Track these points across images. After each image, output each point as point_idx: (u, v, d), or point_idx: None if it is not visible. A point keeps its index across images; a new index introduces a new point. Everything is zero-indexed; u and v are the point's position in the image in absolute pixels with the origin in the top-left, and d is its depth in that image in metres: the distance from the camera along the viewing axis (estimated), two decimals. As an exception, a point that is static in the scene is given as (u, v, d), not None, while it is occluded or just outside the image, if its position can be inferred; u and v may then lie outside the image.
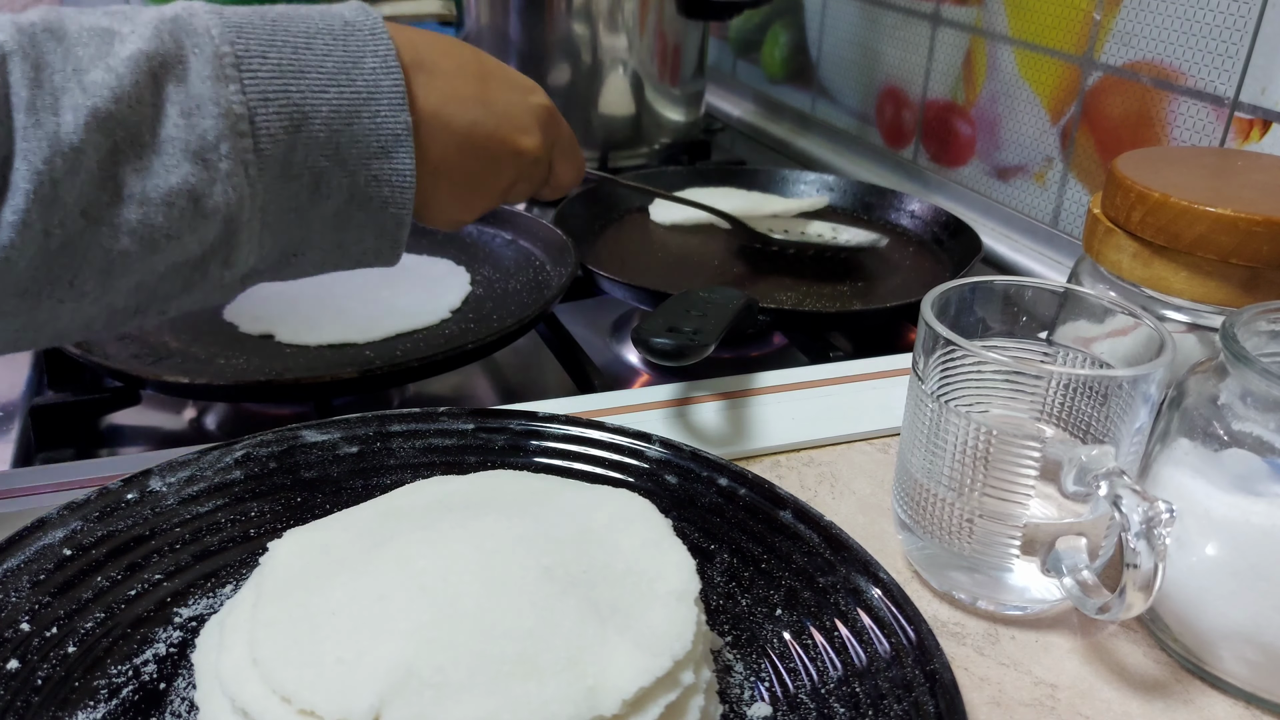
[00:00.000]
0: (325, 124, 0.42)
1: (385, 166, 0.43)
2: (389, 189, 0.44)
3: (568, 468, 0.45)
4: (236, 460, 0.44)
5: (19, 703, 0.33)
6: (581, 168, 0.57)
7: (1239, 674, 0.38)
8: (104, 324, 0.41)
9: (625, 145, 0.97)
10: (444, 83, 0.46)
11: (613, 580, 0.33)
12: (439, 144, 0.46)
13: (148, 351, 0.60)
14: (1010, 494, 0.38)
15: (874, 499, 0.49)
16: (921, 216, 0.84)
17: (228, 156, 0.39)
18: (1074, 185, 0.79)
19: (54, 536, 0.38)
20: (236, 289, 0.44)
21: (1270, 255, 0.43)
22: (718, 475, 0.44)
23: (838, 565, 0.39)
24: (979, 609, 0.42)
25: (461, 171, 0.48)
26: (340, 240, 0.45)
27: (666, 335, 0.48)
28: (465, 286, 0.70)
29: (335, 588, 0.32)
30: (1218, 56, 0.65)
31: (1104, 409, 0.39)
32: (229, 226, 0.40)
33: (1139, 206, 0.45)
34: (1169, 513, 0.34)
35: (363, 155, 0.43)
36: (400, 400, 0.64)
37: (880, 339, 0.71)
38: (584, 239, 0.79)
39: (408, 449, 0.46)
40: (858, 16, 1.02)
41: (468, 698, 0.28)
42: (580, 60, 0.93)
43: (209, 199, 0.39)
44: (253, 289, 0.67)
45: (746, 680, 0.36)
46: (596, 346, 0.71)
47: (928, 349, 0.40)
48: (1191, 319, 0.46)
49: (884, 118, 1.01)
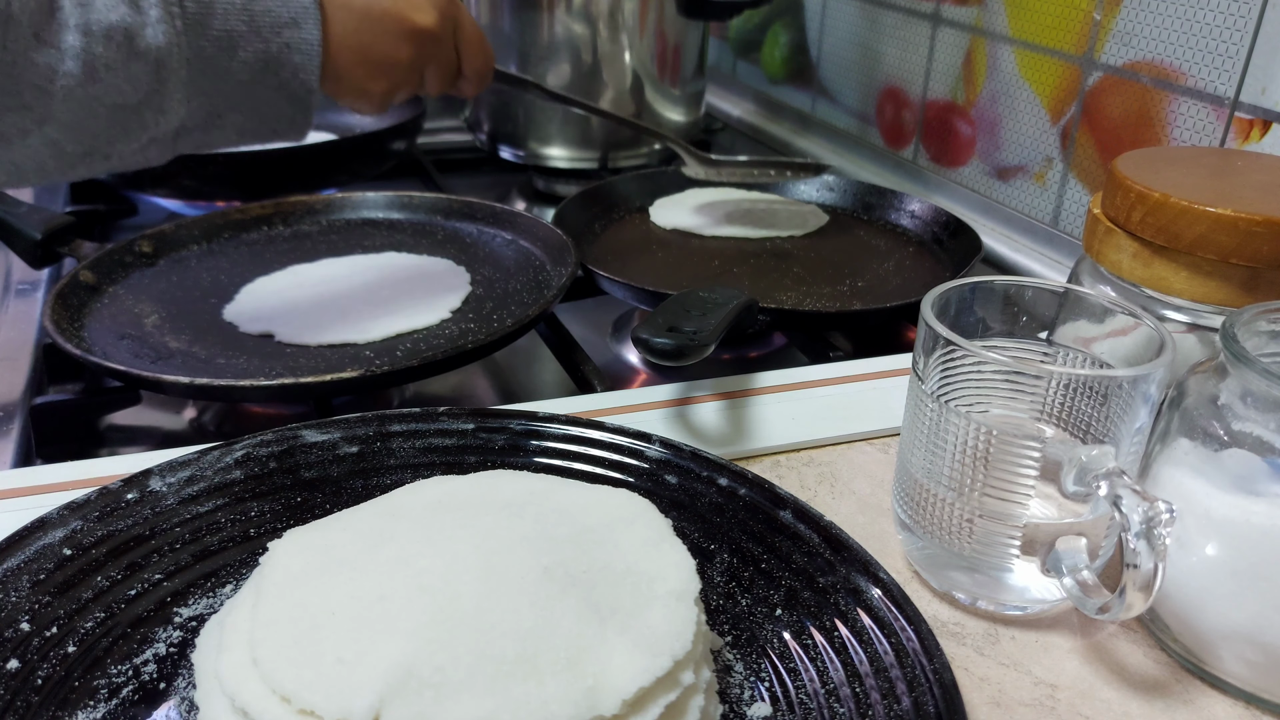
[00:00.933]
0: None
1: (295, 35, 0.51)
2: (299, 55, 0.52)
3: (568, 468, 0.45)
4: (236, 460, 0.44)
5: (19, 703, 0.33)
6: (489, 56, 0.63)
7: (1239, 674, 0.38)
8: (55, 166, 0.48)
9: (625, 145, 0.97)
10: None
11: (612, 580, 0.33)
12: (340, 21, 0.54)
13: (148, 351, 0.60)
14: (1010, 494, 0.38)
15: (874, 499, 0.49)
16: (921, 216, 0.84)
17: (157, 5, 0.47)
18: (1074, 185, 0.79)
19: (54, 536, 0.38)
20: (170, 145, 0.52)
21: (1270, 255, 0.43)
22: (718, 475, 0.44)
23: (838, 565, 0.39)
24: (979, 609, 0.42)
25: (363, 44, 0.55)
26: (257, 105, 0.52)
27: (666, 335, 0.48)
28: (465, 286, 0.70)
29: (335, 588, 0.32)
30: (1218, 56, 0.65)
31: (1104, 409, 0.39)
32: (159, 72, 0.47)
33: (1139, 206, 0.45)
34: (1169, 513, 0.34)
35: (275, 24, 0.50)
36: (400, 400, 0.65)
37: (880, 339, 0.71)
38: (584, 239, 0.79)
39: (408, 449, 0.46)
40: (858, 16, 1.02)
41: (467, 698, 0.28)
42: (580, 60, 0.93)
43: (141, 39, 0.46)
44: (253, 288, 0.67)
45: (746, 680, 0.36)
46: (596, 346, 0.71)
47: (928, 349, 0.40)
48: (1191, 319, 0.46)
49: (884, 118, 1.01)
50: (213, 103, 0.51)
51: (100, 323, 0.63)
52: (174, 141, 0.51)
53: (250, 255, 0.75)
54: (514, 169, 1.02)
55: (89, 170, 0.50)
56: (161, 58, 0.47)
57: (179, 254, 0.73)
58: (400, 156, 0.98)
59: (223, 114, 0.52)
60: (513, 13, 0.92)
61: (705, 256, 0.78)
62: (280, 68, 0.52)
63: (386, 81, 0.57)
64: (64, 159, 0.48)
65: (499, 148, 0.99)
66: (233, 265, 0.73)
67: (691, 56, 0.99)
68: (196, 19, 0.48)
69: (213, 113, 0.51)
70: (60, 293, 0.62)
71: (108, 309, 0.65)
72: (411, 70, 0.58)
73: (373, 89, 0.57)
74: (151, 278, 0.70)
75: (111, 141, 0.48)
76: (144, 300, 0.66)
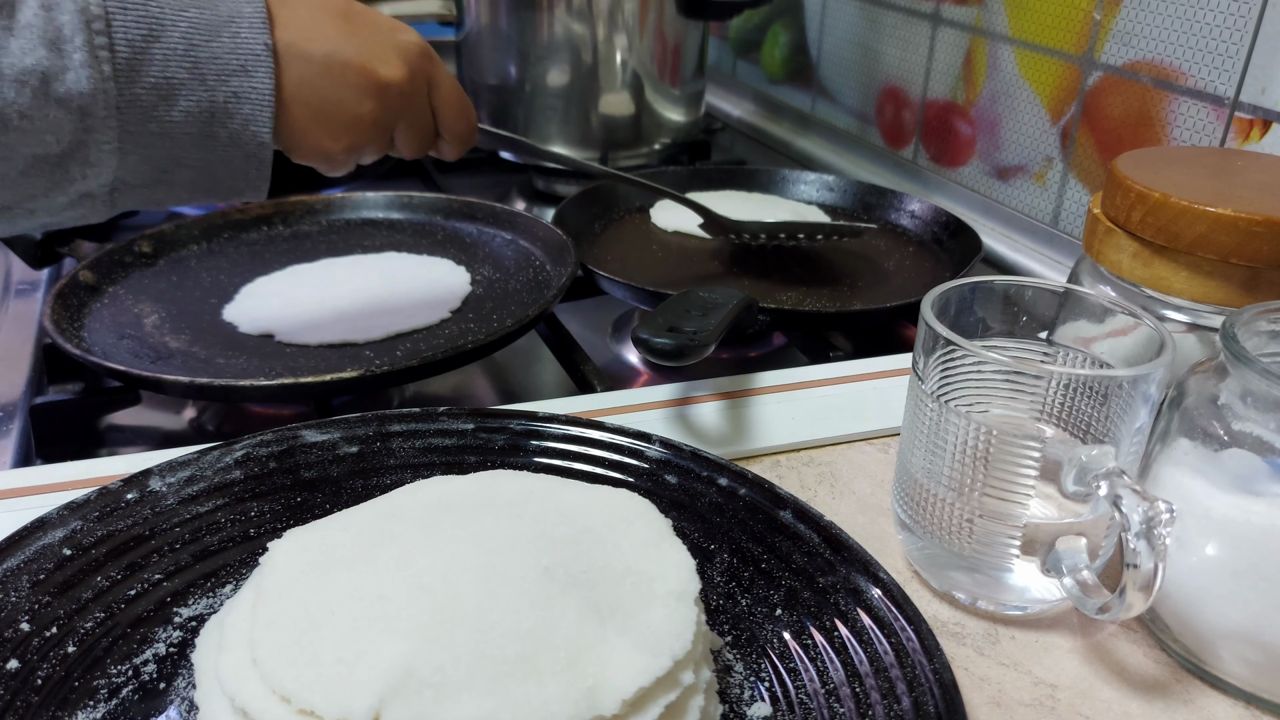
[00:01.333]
0: (184, 38, 0.45)
1: (245, 84, 0.46)
2: (250, 106, 0.47)
3: (568, 468, 0.45)
4: (236, 460, 0.44)
5: (19, 703, 0.33)
6: (470, 118, 0.57)
7: (1239, 674, 0.38)
8: None
9: (625, 145, 0.97)
10: (305, 13, 0.49)
11: (612, 580, 0.33)
12: (296, 71, 0.48)
13: (148, 351, 0.60)
14: (1010, 494, 0.38)
15: (874, 499, 0.49)
16: (921, 216, 0.84)
17: (82, 49, 0.42)
18: (1074, 185, 0.79)
19: (54, 536, 0.38)
20: (108, 202, 0.47)
21: (1270, 255, 0.43)
22: (718, 475, 0.44)
23: (838, 565, 0.39)
24: (979, 609, 0.42)
25: (321, 98, 0.49)
26: (208, 161, 0.47)
27: (667, 335, 0.48)
28: (465, 286, 0.70)
29: (335, 588, 0.32)
30: (1218, 56, 0.65)
31: (1104, 409, 0.39)
32: (84, 121, 0.43)
33: (1139, 206, 0.45)
34: (1169, 513, 0.34)
35: (222, 72, 0.46)
36: (400, 400, 0.65)
37: (880, 339, 0.71)
38: (584, 239, 0.79)
39: (408, 449, 0.46)
40: (858, 16, 1.02)
41: (467, 698, 0.28)
42: (580, 60, 0.93)
43: (60, 84, 0.42)
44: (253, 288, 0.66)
45: (746, 680, 0.36)
46: (596, 346, 0.71)
47: (928, 349, 0.40)
48: (1191, 319, 0.46)
49: (884, 118, 1.01)
50: (156, 157, 0.46)
51: (100, 323, 0.63)
52: (111, 198, 0.47)
53: (250, 255, 0.75)
54: (514, 169, 1.02)
55: (12, 226, 0.45)
56: (85, 105, 0.43)
57: (179, 254, 0.73)
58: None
59: (170, 170, 0.47)
60: (512, 13, 0.92)
61: (705, 256, 0.78)
62: (228, 119, 0.47)
63: (349, 139, 0.51)
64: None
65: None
66: (233, 265, 0.73)
67: (691, 56, 0.99)
68: (129, 64, 0.43)
69: (158, 168, 0.47)
70: (60, 293, 0.62)
71: (108, 309, 0.65)
72: (377, 128, 0.52)
73: (333, 148, 0.51)
74: (151, 278, 0.70)
75: (33, 196, 0.44)
76: (144, 300, 0.66)
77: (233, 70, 0.46)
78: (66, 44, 0.42)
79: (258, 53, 0.46)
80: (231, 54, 0.46)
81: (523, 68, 0.93)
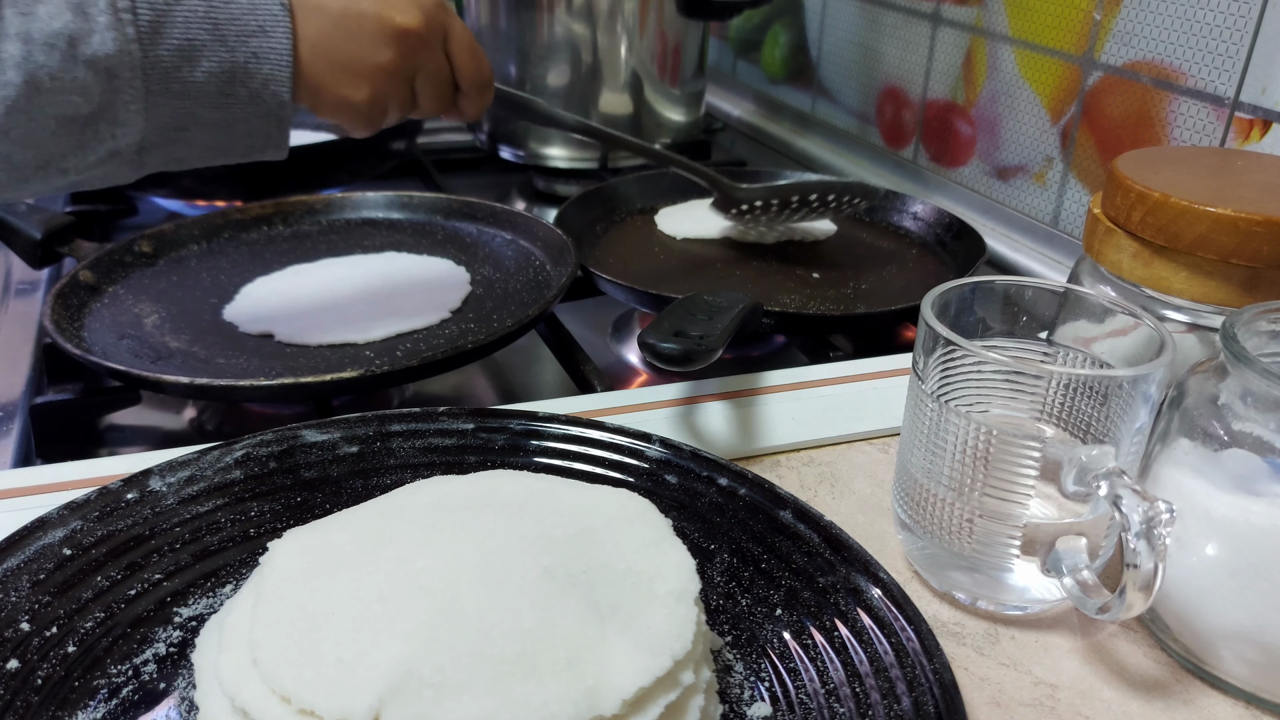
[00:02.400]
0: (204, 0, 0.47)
1: (264, 44, 0.48)
2: (268, 66, 0.49)
3: (568, 468, 0.45)
4: (236, 460, 0.44)
5: (19, 703, 0.33)
6: (485, 65, 0.58)
7: (1239, 674, 0.38)
8: (8, 180, 0.46)
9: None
10: None
11: (612, 580, 0.33)
12: (314, 25, 0.50)
13: (148, 351, 0.60)
14: (1010, 494, 0.38)
15: (874, 499, 0.49)
16: (925, 219, 0.84)
17: (106, 11, 0.44)
18: (1074, 185, 0.79)
19: (54, 536, 0.38)
20: (136, 161, 0.48)
21: (1270, 255, 0.43)
22: (718, 475, 0.44)
23: (838, 565, 0.39)
24: (979, 609, 0.42)
25: (339, 49, 0.51)
26: (228, 120, 0.49)
27: (673, 340, 0.48)
28: (465, 286, 0.70)
29: (335, 588, 0.32)
30: (1218, 56, 0.65)
31: (1104, 409, 0.39)
32: (111, 82, 0.45)
33: (1139, 206, 0.45)
34: (1169, 513, 0.34)
35: (241, 33, 0.47)
36: (400, 400, 0.65)
37: (881, 339, 0.71)
38: (586, 241, 0.79)
39: (408, 449, 0.46)
40: (858, 16, 1.02)
41: (467, 698, 0.28)
42: (580, 60, 0.93)
43: (87, 46, 0.43)
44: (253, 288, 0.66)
45: (746, 680, 0.36)
46: (596, 346, 0.71)
47: (928, 349, 0.40)
48: (1191, 319, 0.46)
49: (884, 118, 1.01)
50: (179, 116, 0.48)
51: (100, 323, 0.63)
52: (139, 157, 0.48)
53: (250, 255, 0.75)
54: (514, 169, 1.02)
55: (46, 184, 0.47)
56: (112, 66, 0.44)
57: (179, 254, 0.73)
58: (400, 156, 0.98)
59: (188, 128, 0.49)
60: (511, 13, 0.92)
61: (706, 258, 0.78)
62: (248, 79, 0.48)
63: (370, 89, 0.52)
64: (16, 172, 0.46)
65: (499, 148, 0.99)
66: (233, 265, 0.73)
67: (691, 56, 0.99)
68: (152, 26, 0.45)
69: (180, 127, 0.48)
70: (60, 293, 0.62)
71: (108, 309, 0.65)
72: (397, 78, 0.53)
73: (355, 98, 0.52)
74: (151, 278, 0.70)
75: (65, 155, 0.46)
76: (144, 300, 0.66)
77: (251, 31, 0.48)
78: (91, 7, 0.43)
79: (275, 13, 0.48)
80: (250, 14, 0.47)
81: (523, 67, 0.94)
